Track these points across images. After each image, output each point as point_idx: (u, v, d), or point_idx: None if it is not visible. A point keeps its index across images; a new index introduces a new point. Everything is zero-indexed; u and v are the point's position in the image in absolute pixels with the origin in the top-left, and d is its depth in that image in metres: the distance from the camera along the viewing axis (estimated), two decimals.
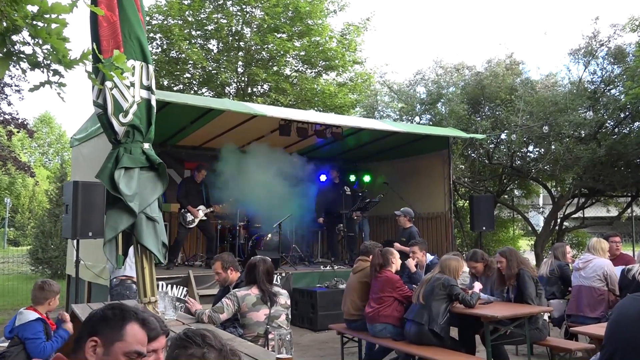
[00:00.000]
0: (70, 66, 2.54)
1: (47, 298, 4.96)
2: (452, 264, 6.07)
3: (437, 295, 5.84)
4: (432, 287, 5.89)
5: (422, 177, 12.94)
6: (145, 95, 4.39)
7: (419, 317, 5.86)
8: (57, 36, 2.45)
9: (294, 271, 10.21)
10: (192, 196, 10.60)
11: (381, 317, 6.24)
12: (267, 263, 5.03)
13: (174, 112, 9.52)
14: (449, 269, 6.03)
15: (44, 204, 25.56)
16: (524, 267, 6.24)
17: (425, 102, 16.16)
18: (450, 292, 5.86)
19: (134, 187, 4.18)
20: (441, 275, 5.95)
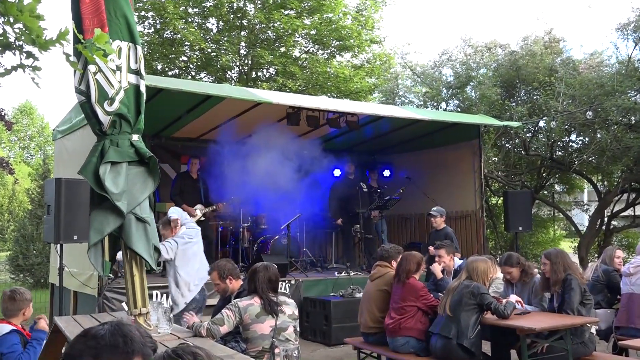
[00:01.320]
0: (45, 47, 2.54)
1: (20, 308, 4.99)
2: (479, 267, 6.02)
3: (466, 305, 5.80)
4: (460, 296, 5.84)
5: (449, 171, 12.87)
6: (133, 80, 4.39)
7: (445, 331, 5.82)
8: (30, 13, 2.44)
9: (304, 278, 10.21)
10: (188, 193, 10.62)
11: (403, 329, 6.21)
12: (269, 270, 5.04)
13: (168, 99, 9.53)
14: (477, 273, 5.98)
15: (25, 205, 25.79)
16: (572, 273, 6.16)
17: (453, 86, 16.07)
18: (480, 301, 5.81)
19: (122, 184, 4.18)
20: (469, 282, 5.90)
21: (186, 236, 7.25)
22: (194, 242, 7.34)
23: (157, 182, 4.40)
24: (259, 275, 4.98)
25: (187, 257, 7.20)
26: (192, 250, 7.29)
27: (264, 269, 5.05)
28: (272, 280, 5.03)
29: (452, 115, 13.34)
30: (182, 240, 7.24)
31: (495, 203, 17.70)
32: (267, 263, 5.19)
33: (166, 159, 12.30)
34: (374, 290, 6.75)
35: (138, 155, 4.32)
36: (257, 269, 5.05)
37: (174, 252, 7.12)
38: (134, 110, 4.37)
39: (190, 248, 7.27)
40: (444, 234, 9.57)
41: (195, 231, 7.49)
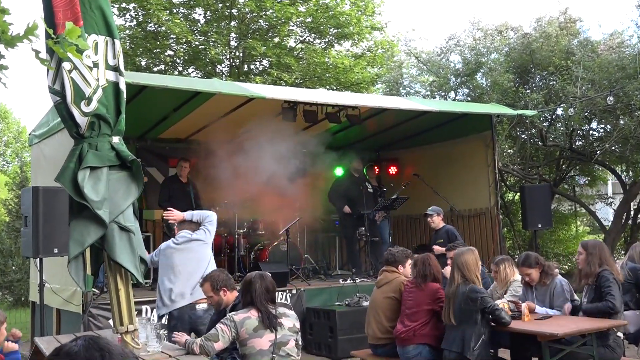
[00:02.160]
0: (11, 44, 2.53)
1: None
2: (469, 260, 6.00)
3: (467, 312, 5.79)
4: (459, 304, 5.84)
5: (460, 166, 12.85)
6: (112, 77, 4.38)
7: (455, 345, 5.82)
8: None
9: (306, 287, 10.19)
10: (177, 199, 10.58)
11: (417, 337, 6.20)
12: (265, 279, 5.03)
13: (153, 97, 9.51)
14: (468, 268, 5.95)
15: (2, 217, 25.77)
16: (609, 268, 6.13)
17: (462, 74, 16.05)
18: (481, 306, 5.79)
19: (103, 191, 4.17)
20: (464, 285, 5.89)
21: (173, 241, 6.93)
22: (182, 249, 6.81)
23: (141, 188, 4.39)
24: (255, 286, 4.96)
25: (170, 264, 6.74)
26: (181, 257, 6.77)
27: (259, 278, 5.04)
28: (269, 290, 5.02)
29: (461, 105, 13.31)
30: (166, 244, 6.90)
31: (512, 199, 17.68)
32: (261, 272, 5.17)
33: (153, 163, 12.28)
34: (381, 298, 6.74)
35: (119, 159, 4.32)
36: (251, 279, 5.04)
37: (155, 257, 6.89)
38: (113, 111, 4.36)
39: (176, 254, 6.77)
40: (445, 231, 9.66)
41: (188, 238, 6.93)
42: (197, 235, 6.85)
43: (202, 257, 6.81)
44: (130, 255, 4.25)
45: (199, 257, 6.79)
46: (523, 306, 6.17)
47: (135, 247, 4.29)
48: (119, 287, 4.32)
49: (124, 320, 4.32)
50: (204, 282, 5.82)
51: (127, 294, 4.36)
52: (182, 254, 6.76)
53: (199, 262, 6.75)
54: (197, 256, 6.78)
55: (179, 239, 6.82)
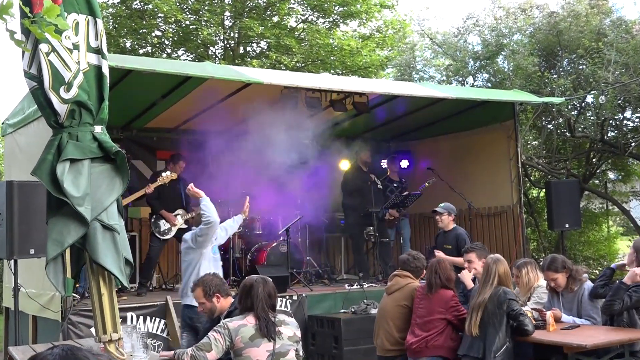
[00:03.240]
0: None
1: None
2: (503, 268, 6.04)
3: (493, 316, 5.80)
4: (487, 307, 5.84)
5: (479, 160, 12.85)
6: (94, 60, 4.40)
7: (474, 350, 5.83)
8: None
9: (309, 292, 10.22)
10: (167, 196, 10.62)
11: (430, 348, 6.23)
12: (268, 284, 5.04)
13: (139, 83, 9.51)
14: (502, 276, 5.98)
15: None
16: None
17: (481, 57, 16.03)
18: (507, 309, 5.81)
19: (84, 186, 4.19)
20: (495, 290, 5.91)
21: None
22: (191, 247, 7.58)
23: (126, 182, 4.41)
24: (257, 291, 4.97)
25: (184, 264, 7.65)
26: (189, 257, 7.61)
27: (262, 282, 5.05)
28: (271, 296, 5.04)
29: (481, 91, 13.30)
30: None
31: (537, 196, 17.66)
32: (262, 276, 5.19)
33: (139, 155, 12.28)
34: (391, 306, 6.76)
35: (102, 151, 4.33)
36: (252, 283, 5.03)
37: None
38: (95, 97, 4.38)
39: (187, 253, 7.66)
40: (455, 236, 9.33)
41: (190, 234, 7.76)
42: (187, 235, 7.66)
43: (189, 260, 7.55)
44: (114, 256, 4.27)
45: (187, 259, 7.61)
46: (548, 314, 6.18)
47: (119, 248, 4.31)
48: (102, 291, 4.34)
49: (107, 328, 4.34)
50: (195, 287, 5.84)
51: (111, 300, 4.38)
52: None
53: (188, 264, 7.57)
54: (185, 258, 7.67)
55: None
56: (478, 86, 16.16)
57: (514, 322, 5.83)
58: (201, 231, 7.50)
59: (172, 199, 10.69)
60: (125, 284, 4.35)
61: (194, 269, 7.44)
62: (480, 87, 15.82)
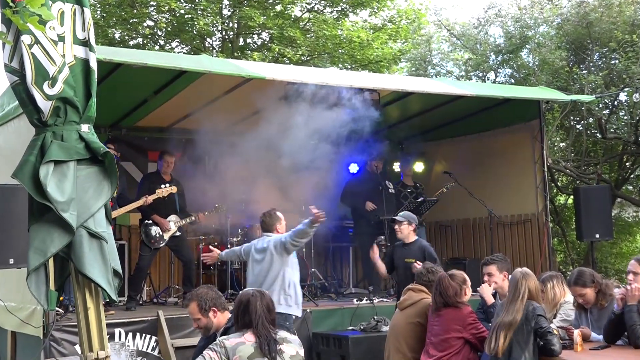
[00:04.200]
0: None
1: None
2: (532, 284, 6.02)
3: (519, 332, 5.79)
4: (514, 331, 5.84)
5: (501, 163, 12.84)
6: (81, 53, 4.41)
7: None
8: None
9: (313, 307, 10.21)
10: (159, 200, 10.63)
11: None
12: (265, 297, 5.04)
13: (129, 77, 9.53)
14: (529, 290, 5.96)
15: None
16: None
17: (503, 50, 16.03)
18: (535, 326, 5.80)
19: (69, 190, 4.20)
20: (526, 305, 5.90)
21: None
22: (274, 255, 8.14)
23: (115, 186, 4.42)
24: (256, 305, 4.96)
25: (259, 273, 8.22)
26: (269, 266, 8.15)
27: (260, 295, 5.05)
28: (270, 309, 5.04)
29: (503, 88, 13.28)
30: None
31: (564, 203, 17.65)
32: (258, 289, 5.18)
33: (129, 156, 12.29)
34: (404, 323, 6.76)
35: (89, 152, 4.34)
36: (249, 297, 5.03)
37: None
38: (82, 93, 4.39)
39: (266, 261, 8.20)
40: (420, 248, 9.20)
41: (273, 241, 8.31)
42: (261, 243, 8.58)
43: (268, 268, 8.23)
44: (101, 267, 4.27)
45: (264, 268, 8.31)
46: (575, 333, 6.17)
47: (107, 258, 4.31)
48: (88, 305, 4.34)
49: (93, 345, 4.35)
50: (189, 302, 5.84)
51: (98, 314, 4.38)
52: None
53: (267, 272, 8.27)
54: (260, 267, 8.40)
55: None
56: (500, 82, 16.15)
57: (541, 341, 5.82)
58: (296, 239, 8.05)
59: (165, 204, 10.67)
60: (114, 297, 4.35)
61: (278, 276, 7.96)
62: (503, 84, 15.81)
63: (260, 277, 8.08)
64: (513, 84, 15.55)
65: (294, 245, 8.08)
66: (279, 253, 8.00)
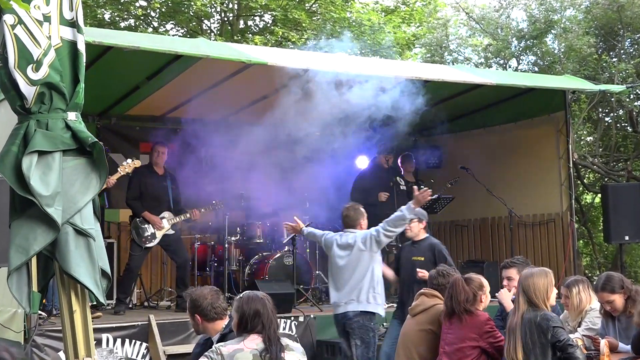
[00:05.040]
0: None
1: None
2: (538, 283, 5.97)
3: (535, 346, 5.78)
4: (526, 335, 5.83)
5: (522, 158, 12.83)
6: (68, 35, 4.40)
7: None
8: None
9: (318, 313, 10.22)
10: (151, 196, 10.63)
11: None
12: (270, 301, 5.02)
13: (120, 62, 9.54)
14: (536, 293, 5.93)
15: None
16: None
17: (527, 35, 16.00)
18: (553, 339, 5.79)
19: (54, 184, 4.20)
20: (534, 312, 5.88)
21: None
22: (362, 250, 8.06)
23: (104, 180, 4.41)
24: (267, 308, 4.95)
25: (345, 267, 8.16)
26: (356, 262, 8.09)
27: (267, 298, 5.04)
28: (275, 314, 5.04)
29: (526, 77, 13.27)
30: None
31: (591, 202, 17.63)
32: (259, 291, 5.16)
33: (119, 147, 12.31)
34: (415, 330, 6.75)
35: (76, 142, 4.34)
36: (251, 298, 5.01)
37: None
38: (69, 78, 4.38)
39: (353, 256, 8.11)
40: (430, 246, 9.02)
41: (361, 236, 8.15)
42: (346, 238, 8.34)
43: (355, 264, 8.16)
44: (88, 267, 4.27)
45: (352, 264, 8.23)
46: (602, 343, 6.16)
47: (95, 257, 4.30)
48: (74, 308, 4.34)
49: (79, 351, 4.35)
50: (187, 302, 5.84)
51: (84, 318, 4.38)
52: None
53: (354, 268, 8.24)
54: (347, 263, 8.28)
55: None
56: (523, 70, 16.13)
57: (562, 354, 5.80)
58: (390, 229, 8.03)
59: (158, 199, 10.67)
60: (102, 299, 4.34)
61: (367, 273, 7.98)
62: (526, 72, 15.78)
63: (346, 274, 8.09)
64: (537, 72, 15.53)
65: (388, 236, 8.08)
66: (368, 248, 7.98)
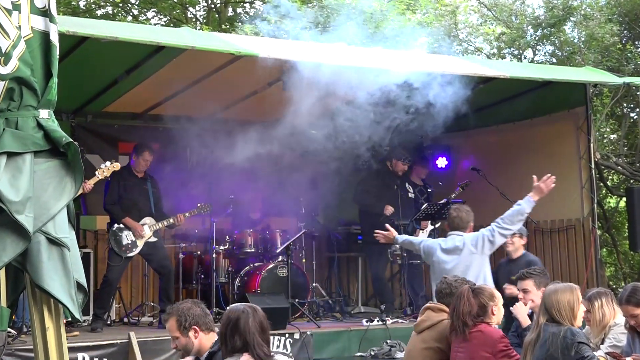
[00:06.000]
0: None
1: None
2: (563, 299, 5.99)
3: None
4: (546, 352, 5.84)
5: (539, 158, 12.83)
6: (40, 25, 4.41)
7: None
8: None
9: (315, 329, 10.23)
10: (131, 201, 10.64)
11: None
12: (258, 312, 4.95)
13: (97, 54, 9.55)
14: (560, 310, 5.95)
15: None
16: None
17: (543, 23, 16.03)
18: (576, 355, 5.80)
19: (25, 188, 4.21)
20: (557, 328, 5.90)
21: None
22: (474, 253, 8.03)
23: (79, 183, 4.42)
24: (247, 322, 4.90)
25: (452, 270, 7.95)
26: (467, 264, 8.01)
27: (252, 310, 4.97)
28: (264, 328, 4.97)
29: (543, 69, 13.29)
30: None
31: (615, 206, 17.63)
32: (251, 305, 5.10)
33: (95, 148, 12.30)
34: (420, 349, 6.75)
35: (49, 142, 4.34)
36: (239, 314, 4.96)
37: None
38: (41, 73, 4.39)
39: (465, 257, 8.04)
40: (527, 264, 8.95)
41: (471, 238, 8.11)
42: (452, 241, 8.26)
43: (465, 267, 8.02)
44: (63, 279, 4.27)
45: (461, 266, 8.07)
46: None
47: (70, 269, 4.31)
48: (47, 325, 4.34)
49: None
50: (168, 317, 5.83)
51: (58, 336, 4.38)
52: None
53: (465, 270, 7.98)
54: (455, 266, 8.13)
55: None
56: (539, 62, 16.15)
57: None
58: (506, 226, 8.00)
59: (138, 204, 10.67)
60: (77, 315, 4.34)
61: (478, 279, 7.74)
62: (542, 63, 15.81)
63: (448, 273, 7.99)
64: (555, 63, 15.55)
65: (503, 234, 8.06)
66: (479, 251, 7.99)
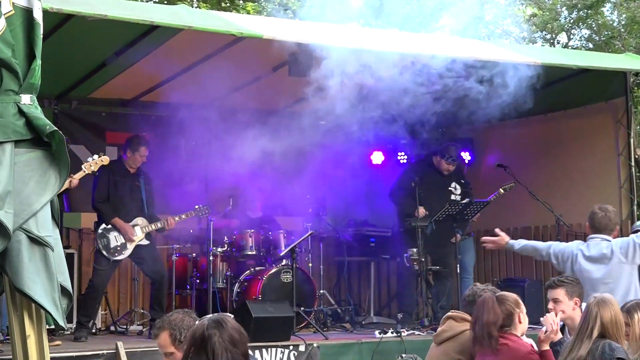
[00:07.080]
0: None
1: None
2: (619, 316, 6.01)
3: None
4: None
5: (573, 154, 12.83)
6: (22, 1, 4.43)
7: None
8: None
9: (322, 341, 10.24)
10: (121, 199, 10.63)
11: None
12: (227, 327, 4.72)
13: (83, 34, 9.54)
14: (616, 326, 5.96)
15: None
16: None
17: (579, 5, 16.02)
18: None
19: (4, 181, 4.22)
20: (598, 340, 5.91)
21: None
22: (623, 262, 8.04)
23: (64, 177, 4.44)
24: (213, 342, 4.75)
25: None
26: (617, 276, 7.99)
27: (217, 324, 4.71)
28: (236, 341, 4.79)
29: (578, 55, 13.28)
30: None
31: None
32: (218, 316, 4.83)
33: (80, 137, 12.29)
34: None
35: (32, 131, 4.36)
36: (203, 331, 4.73)
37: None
38: (23, 54, 4.41)
39: (612, 267, 8.05)
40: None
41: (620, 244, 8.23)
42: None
43: (615, 280, 7.98)
44: (45, 283, 4.28)
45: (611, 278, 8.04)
46: None
47: (54, 271, 4.32)
48: (28, 333, 4.36)
49: None
50: (159, 332, 5.83)
51: (40, 345, 4.40)
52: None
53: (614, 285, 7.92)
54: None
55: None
56: (573, 47, 16.15)
57: None
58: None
59: (130, 203, 10.65)
60: (62, 322, 4.36)
61: (629, 293, 7.80)
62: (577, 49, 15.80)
63: (602, 292, 7.89)
64: (591, 49, 15.55)
65: None
66: (630, 260, 7.98)
